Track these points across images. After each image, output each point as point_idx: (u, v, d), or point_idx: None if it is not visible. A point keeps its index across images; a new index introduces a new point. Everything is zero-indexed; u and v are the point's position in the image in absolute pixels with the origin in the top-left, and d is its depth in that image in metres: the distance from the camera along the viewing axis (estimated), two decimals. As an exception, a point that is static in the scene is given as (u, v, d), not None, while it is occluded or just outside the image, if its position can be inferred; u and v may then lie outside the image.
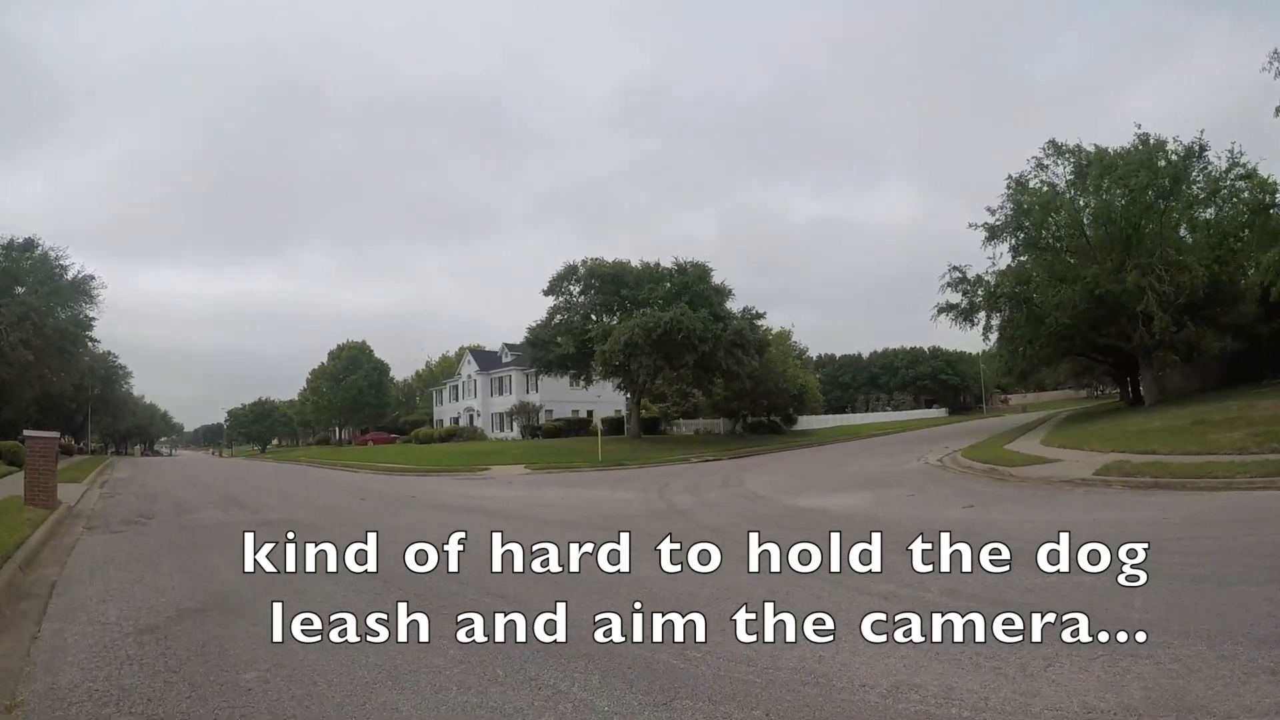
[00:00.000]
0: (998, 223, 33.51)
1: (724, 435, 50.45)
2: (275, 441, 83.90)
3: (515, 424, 57.84)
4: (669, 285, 43.14)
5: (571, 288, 45.86)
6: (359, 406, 71.92)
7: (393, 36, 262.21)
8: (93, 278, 37.93)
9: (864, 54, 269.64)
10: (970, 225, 34.46)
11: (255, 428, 78.44)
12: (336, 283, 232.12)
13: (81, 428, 73.90)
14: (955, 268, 36.77)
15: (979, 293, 35.63)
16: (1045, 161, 32.26)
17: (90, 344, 37.58)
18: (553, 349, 44.46)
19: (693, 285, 43.08)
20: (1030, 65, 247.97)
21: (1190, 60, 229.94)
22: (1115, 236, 29.16)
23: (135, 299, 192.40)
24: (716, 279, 43.91)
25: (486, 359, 63.66)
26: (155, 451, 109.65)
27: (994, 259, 36.11)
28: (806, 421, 58.98)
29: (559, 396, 58.46)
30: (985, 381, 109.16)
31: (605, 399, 64.01)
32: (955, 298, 36.27)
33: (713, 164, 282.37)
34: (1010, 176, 33.14)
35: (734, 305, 43.42)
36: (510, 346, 63.59)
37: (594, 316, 44.17)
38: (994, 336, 36.30)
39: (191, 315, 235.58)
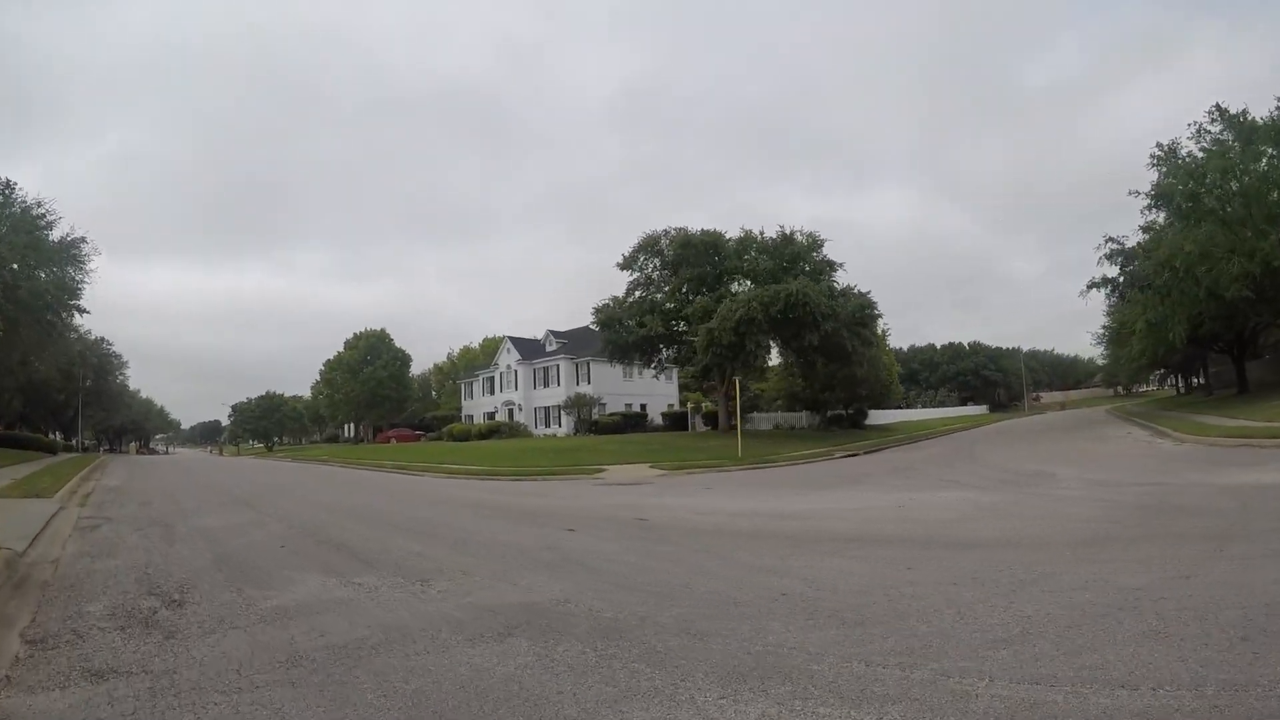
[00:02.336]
0: (1164, 183, 29.57)
1: (810, 429, 44.33)
2: (276, 439, 76.49)
3: (565, 418, 51.05)
4: (765, 257, 36.94)
5: (649, 262, 39.76)
6: (378, 400, 64.98)
7: (391, 35, 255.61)
8: (84, 240, 30.97)
9: (862, 55, 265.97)
10: (1131, 193, 31.13)
11: (262, 423, 71.40)
12: (332, 280, 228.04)
13: (72, 423, 66.75)
14: (1111, 239, 34.27)
15: (1140, 262, 32.32)
16: (1209, 127, 28.99)
17: (78, 314, 30.59)
18: (629, 331, 38.03)
19: (803, 256, 37.07)
20: (1028, 67, 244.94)
21: (1189, 62, 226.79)
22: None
23: (129, 295, 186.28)
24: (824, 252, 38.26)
25: (529, 348, 56.82)
26: (151, 449, 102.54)
27: (1145, 230, 33.87)
28: (873, 416, 52.85)
29: (611, 388, 51.83)
30: (1025, 378, 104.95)
31: (657, 392, 57.51)
32: (1112, 271, 34.35)
33: (711, 164, 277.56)
34: (1159, 144, 30.61)
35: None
36: (555, 334, 56.87)
37: (686, 292, 37.78)
38: (1140, 317, 32.81)
39: (185, 312, 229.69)
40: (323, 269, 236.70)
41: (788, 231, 38.22)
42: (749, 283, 37.70)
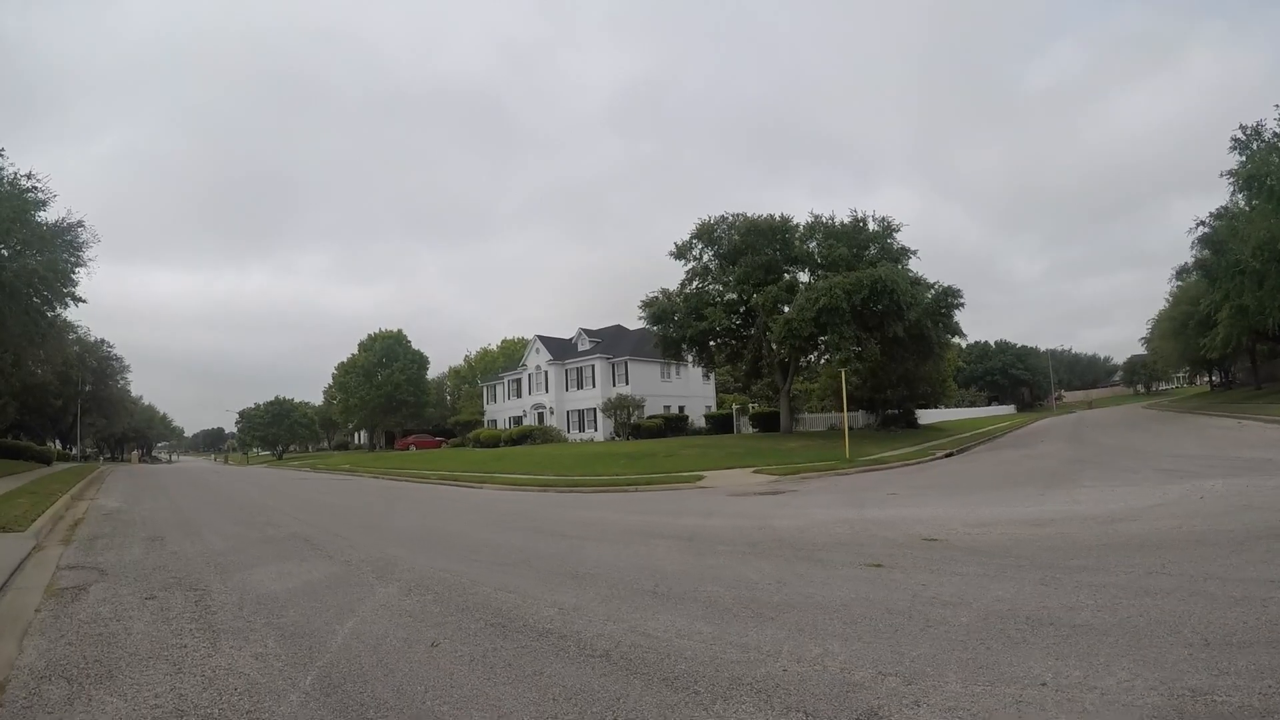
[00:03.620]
0: (1254, 163, 29.28)
1: (868, 430, 40.77)
2: (285, 447, 72.28)
3: (602, 422, 47.23)
4: (837, 243, 33.54)
5: (703, 252, 36.84)
6: (395, 405, 61.14)
7: (393, 35, 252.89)
8: (81, 224, 27.17)
9: (862, 57, 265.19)
10: (1222, 174, 31.43)
11: (272, 430, 67.45)
12: (334, 282, 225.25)
13: (71, 430, 62.97)
14: (1203, 221, 34.78)
15: (1228, 247, 31.80)
16: None
17: (73, 304, 26.69)
18: (686, 325, 34.50)
19: (876, 241, 33.91)
20: (1026, 69, 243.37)
21: (1187, 63, 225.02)
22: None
23: (129, 299, 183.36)
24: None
25: (559, 347, 53.03)
26: (154, 458, 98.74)
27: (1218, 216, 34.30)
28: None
29: (649, 390, 48.08)
30: (1052, 377, 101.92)
31: (693, 394, 53.78)
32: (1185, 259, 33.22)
33: (711, 165, 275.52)
34: (1242, 126, 30.87)
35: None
36: (588, 332, 53.10)
37: (750, 282, 34.35)
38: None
39: (186, 316, 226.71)
40: (324, 270, 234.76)
41: (859, 215, 35.11)
42: (804, 273, 35.29)
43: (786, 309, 32.57)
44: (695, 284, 36.96)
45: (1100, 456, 16.47)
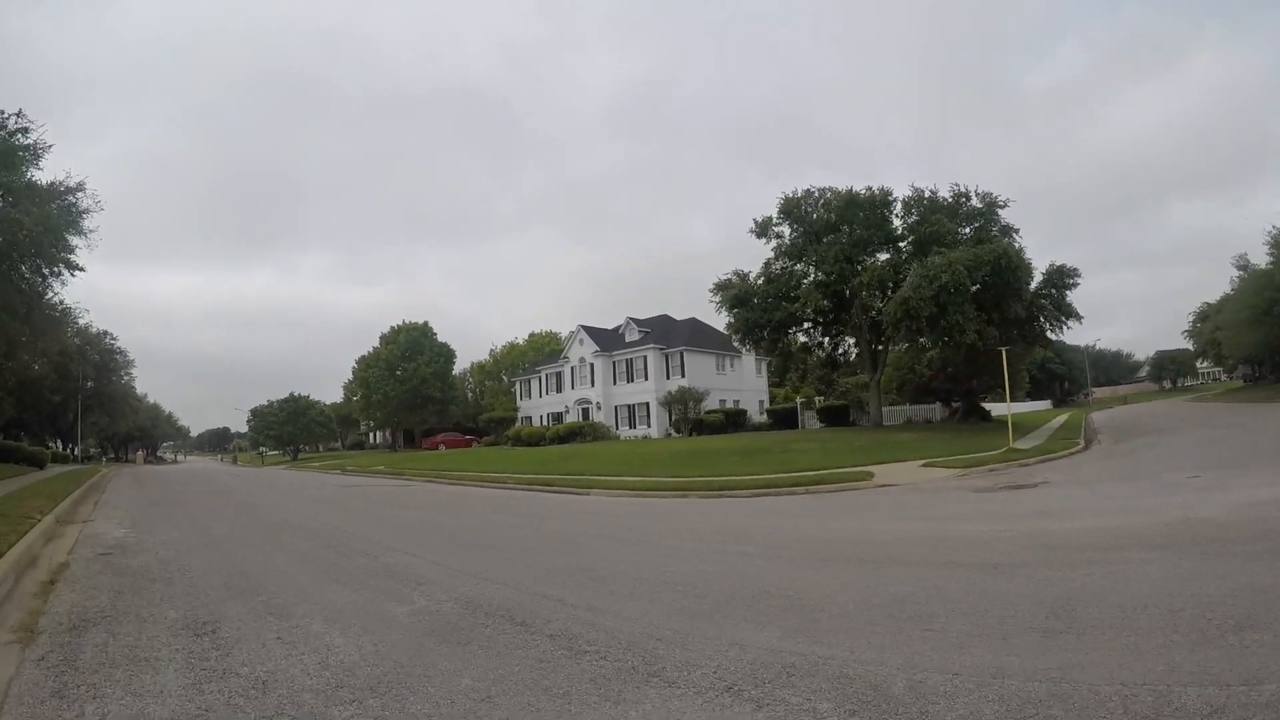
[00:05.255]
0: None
1: (944, 424, 37.79)
2: (295, 448, 67.09)
3: (657, 418, 42.60)
4: (943, 217, 30.84)
5: (781, 230, 33.74)
6: (421, 401, 56.52)
7: (394, 35, 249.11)
8: (82, 188, 22.45)
9: (861, 57, 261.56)
10: None
11: (286, 429, 62.75)
12: (337, 282, 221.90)
13: (72, 429, 58.35)
14: None
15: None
16: None
17: (69, 273, 21.96)
18: (775, 308, 30.91)
19: (979, 218, 31.23)
20: (1027, 69, 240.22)
21: (1189, 64, 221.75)
22: None
23: (131, 297, 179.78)
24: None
25: (604, 338, 48.38)
26: (159, 458, 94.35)
27: None
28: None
29: (705, 383, 43.48)
30: (1089, 372, 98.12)
31: (746, 387, 49.19)
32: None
33: (709, 165, 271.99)
34: None
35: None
36: (637, 321, 48.49)
37: (848, 260, 31.41)
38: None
39: (189, 316, 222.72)
40: (327, 270, 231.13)
41: (961, 190, 32.25)
42: (884, 253, 32.50)
43: (891, 290, 29.91)
44: (780, 264, 33.19)
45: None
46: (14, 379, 41.77)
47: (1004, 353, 21.21)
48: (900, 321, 27.37)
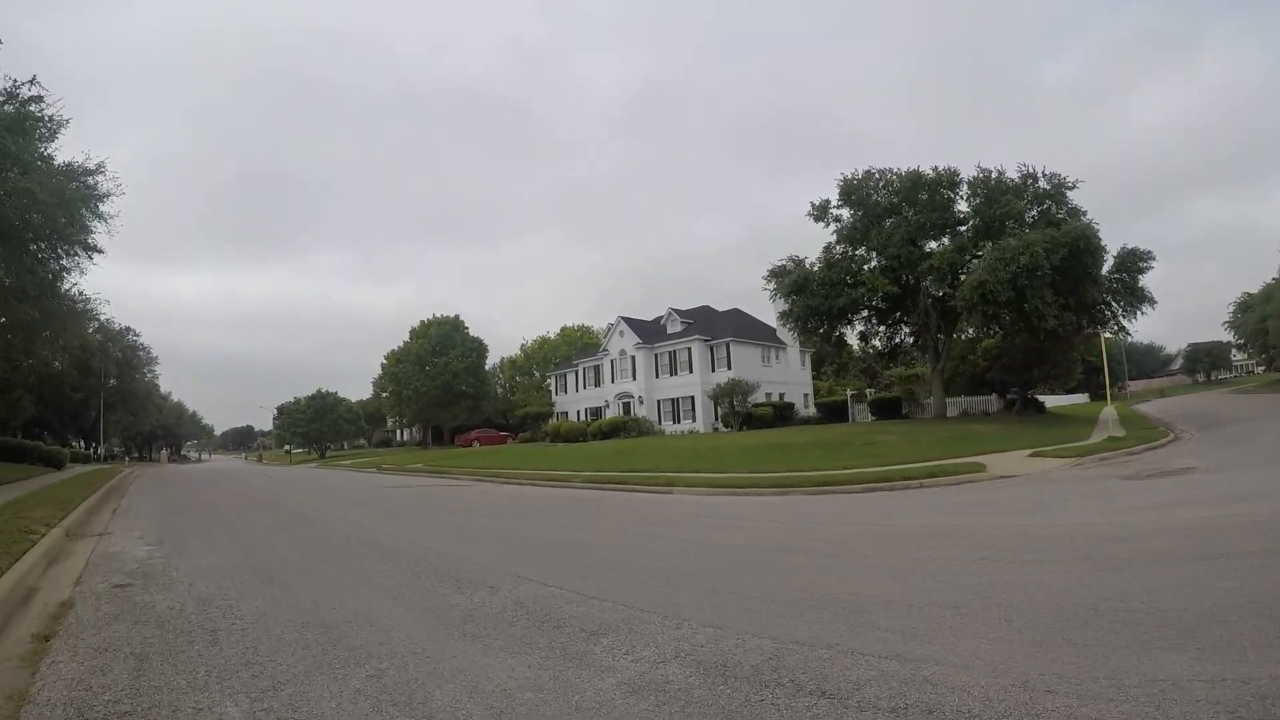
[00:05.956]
0: None
1: (999, 415, 34.79)
2: (324, 446, 65.46)
3: (702, 412, 40.24)
4: (1013, 198, 28.66)
5: (840, 214, 31.81)
6: (454, 397, 54.55)
7: (403, 36, 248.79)
8: (102, 170, 20.49)
9: (867, 55, 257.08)
10: None
11: (314, 426, 61.10)
12: (354, 282, 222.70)
13: (94, 428, 57.05)
14: None
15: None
16: None
17: (86, 256, 20.00)
18: (838, 294, 28.84)
19: (1047, 200, 29.11)
20: (1036, 68, 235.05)
21: (1199, 61, 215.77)
22: None
23: (150, 298, 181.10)
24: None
25: (645, 330, 46.02)
26: (183, 456, 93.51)
27: None
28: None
29: (751, 375, 41.02)
30: (1125, 365, 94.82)
31: (791, 380, 46.62)
32: None
33: (710, 164, 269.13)
34: None
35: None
36: (679, 312, 46.12)
37: (915, 242, 29.84)
38: None
39: (204, 317, 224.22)
40: (342, 270, 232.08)
41: (1029, 170, 29.86)
42: (945, 238, 30.46)
43: (962, 274, 27.97)
44: (840, 248, 31.27)
45: None
46: (34, 376, 40.38)
47: (1101, 339, 18.96)
48: (976, 306, 25.49)
